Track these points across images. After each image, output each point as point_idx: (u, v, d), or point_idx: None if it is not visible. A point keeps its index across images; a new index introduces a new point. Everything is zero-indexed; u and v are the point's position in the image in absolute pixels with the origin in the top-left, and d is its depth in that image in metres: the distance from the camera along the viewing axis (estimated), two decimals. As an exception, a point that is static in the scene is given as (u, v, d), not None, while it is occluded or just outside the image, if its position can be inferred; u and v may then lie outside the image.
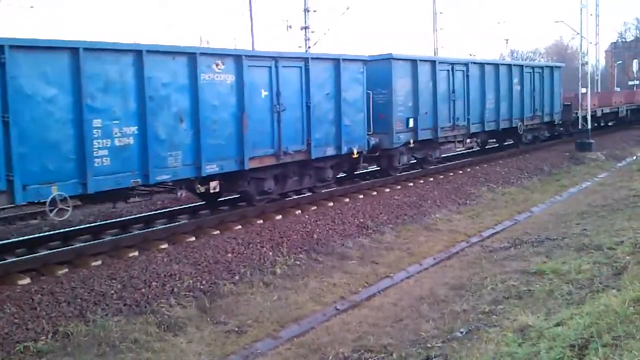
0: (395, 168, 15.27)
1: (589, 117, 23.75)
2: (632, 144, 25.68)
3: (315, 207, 12.34)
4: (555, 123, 23.25)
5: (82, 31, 64.84)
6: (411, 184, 15.13)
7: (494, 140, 21.91)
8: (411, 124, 14.93)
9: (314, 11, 31.71)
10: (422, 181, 15.60)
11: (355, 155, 13.27)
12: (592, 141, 22.79)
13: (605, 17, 60.34)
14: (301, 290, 8.43)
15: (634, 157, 22.24)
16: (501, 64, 19.52)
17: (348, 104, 13.00)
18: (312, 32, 31.70)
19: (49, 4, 62.27)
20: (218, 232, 10.35)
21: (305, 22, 31.44)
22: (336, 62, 12.75)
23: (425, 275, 9.09)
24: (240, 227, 10.72)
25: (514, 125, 19.90)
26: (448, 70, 16.54)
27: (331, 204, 12.73)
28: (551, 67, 23.18)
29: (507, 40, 64.41)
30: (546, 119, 22.25)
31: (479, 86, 17.98)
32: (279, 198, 12.34)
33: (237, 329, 7.16)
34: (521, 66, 20.59)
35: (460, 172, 17.21)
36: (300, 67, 11.87)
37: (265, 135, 11.21)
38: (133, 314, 7.35)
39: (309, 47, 30.31)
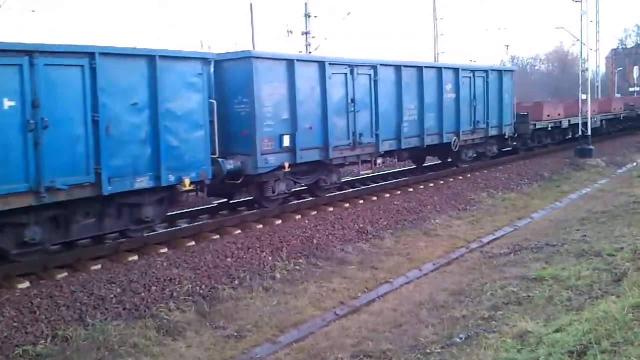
0: (269, 199, 11.95)
1: (589, 123, 23.69)
2: (633, 151, 25.68)
3: (315, 212, 12.35)
4: (506, 137, 19.74)
5: (83, 34, 65.02)
6: (411, 189, 15.14)
7: (436, 157, 19.03)
8: (286, 142, 11.63)
9: (315, 16, 31.91)
10: (422, 187, 15.60)
11: (188, 187, 9.77)
12: (592, 147, 22.77)
13: (606, 24, 60.72)
14: (300, 295, 8.43)
15: (634, 164, 22.24)
16: (426, 67, 15.91)
17: (175, 118, 9.59)
18: (313, 37, 31.86)
19: (50, 8, 62.46)
20: (217, 236, 10.36)
21: (306, 27, 31.59)
22: (150, 59, 9.25)
23: (424, 281, 9.09)
24: (239, 231, 10.73)
25: (446, 141, 16.49)
26: (346, 74, 13.13)
27: (331, 209, 12.74)
28: (499, 71, 19.54)
29: (507, 46, 64.63)
30: (492, 132, 18.75)
31: (394, 94, 14.63)
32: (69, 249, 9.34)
33: (236, 334, 7.16)
34: (456, 69, 17.07)
35: (460, 177, 17.22)
36: (82, 67, 8.43)
37: (12, 164, 7.80)
38: (132, 318, 7.35)
39: (310, 52, 30.39)
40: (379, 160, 14.96)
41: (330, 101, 12.65)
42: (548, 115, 22.76)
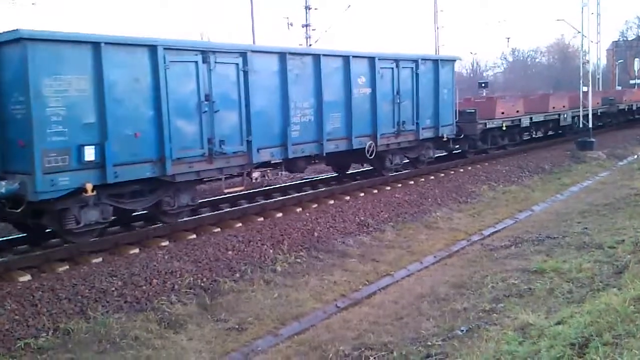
0: (72, 232, 8.84)
1: (590, 116, 23.64)
2: (634, 143, 25.64)
3: (316, 205, 12.34)
4: (445, 139, 16.55)
5: (83, 28, 64.79)
6: (412, 182, 15.12)
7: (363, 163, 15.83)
8: (90, 155, 8.52)
9: (315, 9, 31.88)
10: (422, 179, 15.59)
11: None
12: (593, 140, 22.74)
13: (607, 16, 60.35)
14: (302, 288, 8.44)
15: (635, 156, 22.22)
16: (325, 55, 12.59)
17: None
18: (314, 29, 31.82)
19: (51, 1, 62.30)
20: (219, 229, 10.36)
21: (307, 19, 31.54)
22: None
23: (425, 274, 9.09)
24: (240, 224, 10.73)
25: (357, 147, 13.41)
26: (196, 63, 9.91)
27: (332, 201, 12.73)
28: (434, 61, 16.01)
29: (508, 38, 64.42)
30: (426, 134, 15.57)
31: (278, 89, 11.51)
32: None
33: (237, 327, 7.17)
34: (371, 58, 13.75)
35: (462, 170, 17.20)
36: None
37: None
38: (134, 311, 7.36)
39: (310, 45, 30.34)
40: (256, 174, 11.69)
41: (170, 99, 9.49)
42: (502, 113, 19.95)
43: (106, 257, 8.84)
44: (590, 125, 23.50)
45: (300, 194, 13.17)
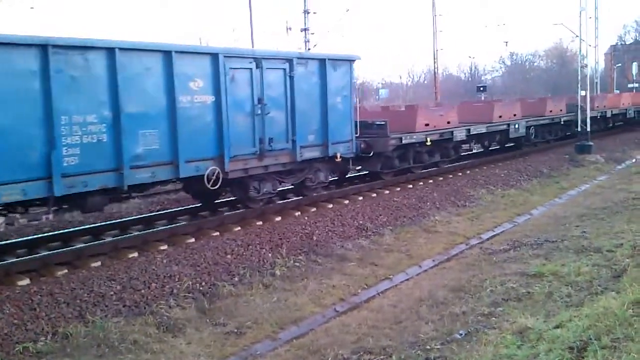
0: None
1: (588, 120, 23.67)
2: (632, 147, 25.69)
3: (315, 209, 12.34)
4: (339, 159, 12.92)
5: (81, 32, 64.91)
6: (410, 186, 15.13)
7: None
8: None
9: (314, 13, 31.91)
10: (421, 183, 15.60)
11: None
12: (591, 143, 22.79)
13: (605, 20, 60.61)
14: (300, 292, 8.44)
15: (634, 160, 22.28)
16: (125, 49, 8.93)
17: None
18: (312, 33, 31.86)
19: (49, 5, 62.42)
20: (217, 233, 10.36)
21: (305, 24, 31.58)
22: None
23: (424, 277, 9.10)
24: (239, 228, 10.73)
25: (188, 175, 9.91)
26: None
27: (330, 205, 12.73)
28: (321, 61, 12.46)
29: (506, 42, 64.43)
30: (308, 154, 12.17)
31: (38, 99, 7.96)
32: None
33: (236, 331, 7.17)
34: (214, 55, 10.23)
35: (460, 174, 17.22)
36: None
37: None
38: (132, 315, 7.36)
39: (309, 49, 30.40)
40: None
41: None
42: (427, 125, 16.26)
43: (105, 261, 8.83)
44: (589, 129, 23.53)
45: (299, 197, 13.18)
